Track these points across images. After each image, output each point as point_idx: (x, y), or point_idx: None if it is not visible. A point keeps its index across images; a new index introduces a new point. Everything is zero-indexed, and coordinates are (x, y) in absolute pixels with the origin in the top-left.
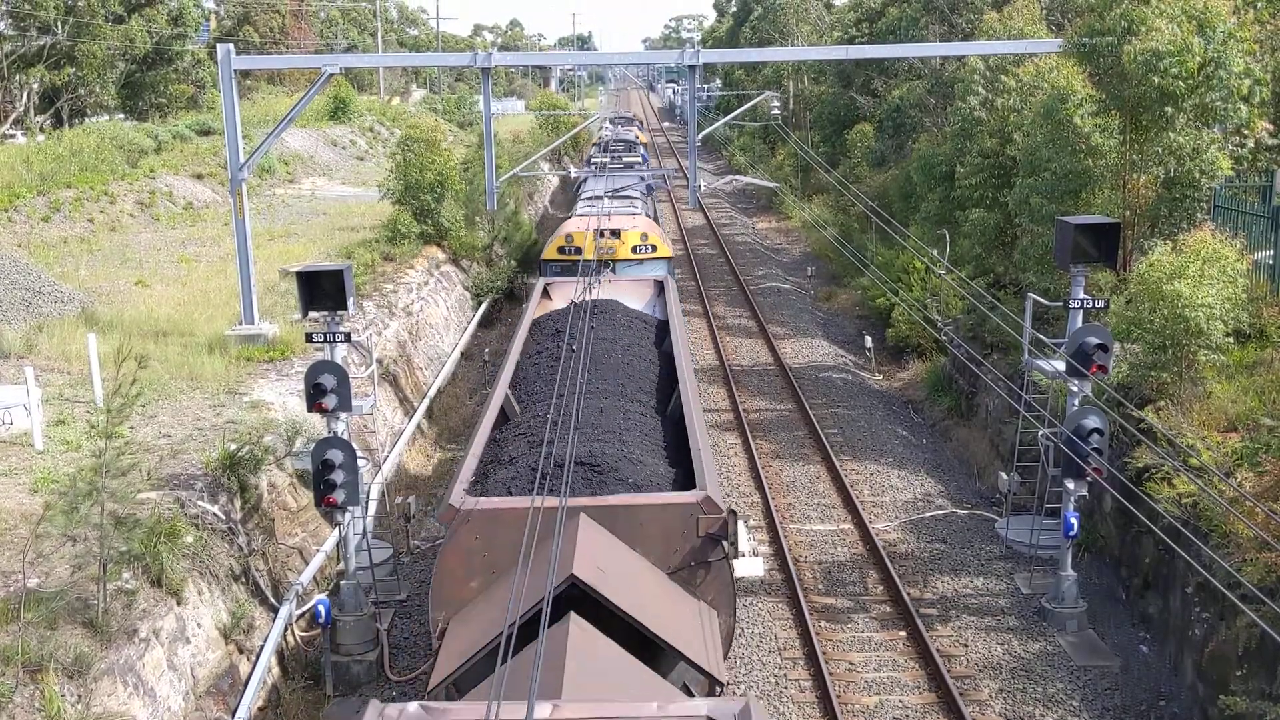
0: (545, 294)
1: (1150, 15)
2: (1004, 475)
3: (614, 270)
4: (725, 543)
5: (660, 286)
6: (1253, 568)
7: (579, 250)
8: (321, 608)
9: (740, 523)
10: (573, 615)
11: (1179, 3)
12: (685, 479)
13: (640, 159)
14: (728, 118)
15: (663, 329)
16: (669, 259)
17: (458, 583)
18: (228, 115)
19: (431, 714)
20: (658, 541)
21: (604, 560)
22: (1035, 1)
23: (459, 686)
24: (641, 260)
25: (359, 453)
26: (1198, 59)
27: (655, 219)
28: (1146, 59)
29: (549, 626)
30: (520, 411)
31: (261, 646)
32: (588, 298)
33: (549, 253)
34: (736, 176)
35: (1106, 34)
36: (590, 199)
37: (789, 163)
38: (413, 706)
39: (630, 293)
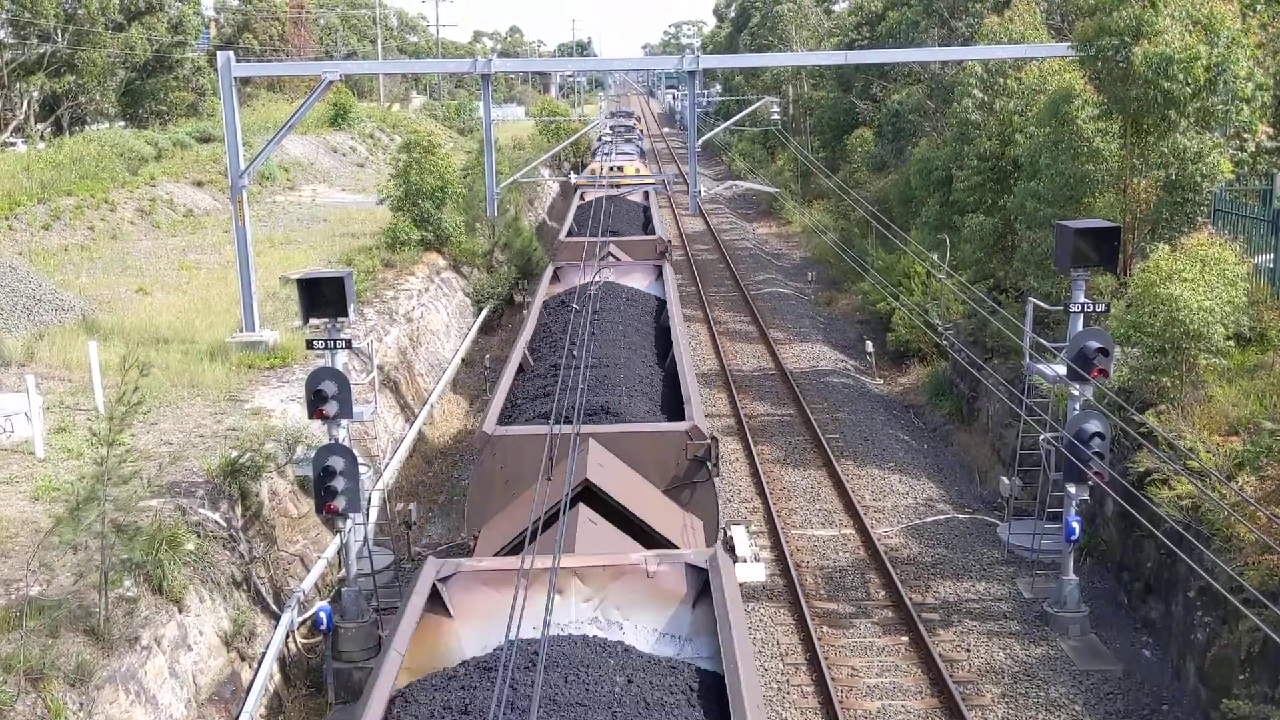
0: (580, 196)
1: (1160, 20)
2: (1005, 480)
3: (619, 188)
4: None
5: (647, 194)
6: (1255, 571)
7: (598, 176)
8: (323, 614)
9: (741, 528)
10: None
11: (1184, 6)
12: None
13: (637, 136)
14: (727, 123)
15: (647, 211)
16: (652, 183)
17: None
18: (228, 122)
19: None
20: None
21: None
22: (1035, 5)
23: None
24: (636, 184)
25: (360, 459)
26: (1203, 65)
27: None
28: (1156, 63)
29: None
30: (579, 230)
31: (263, 654)
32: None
33: (579, 181)
34: (736, 182)
35: (1113, 35)
36: (604, 155)
37: (789, 168)
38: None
39: (630, 196)
